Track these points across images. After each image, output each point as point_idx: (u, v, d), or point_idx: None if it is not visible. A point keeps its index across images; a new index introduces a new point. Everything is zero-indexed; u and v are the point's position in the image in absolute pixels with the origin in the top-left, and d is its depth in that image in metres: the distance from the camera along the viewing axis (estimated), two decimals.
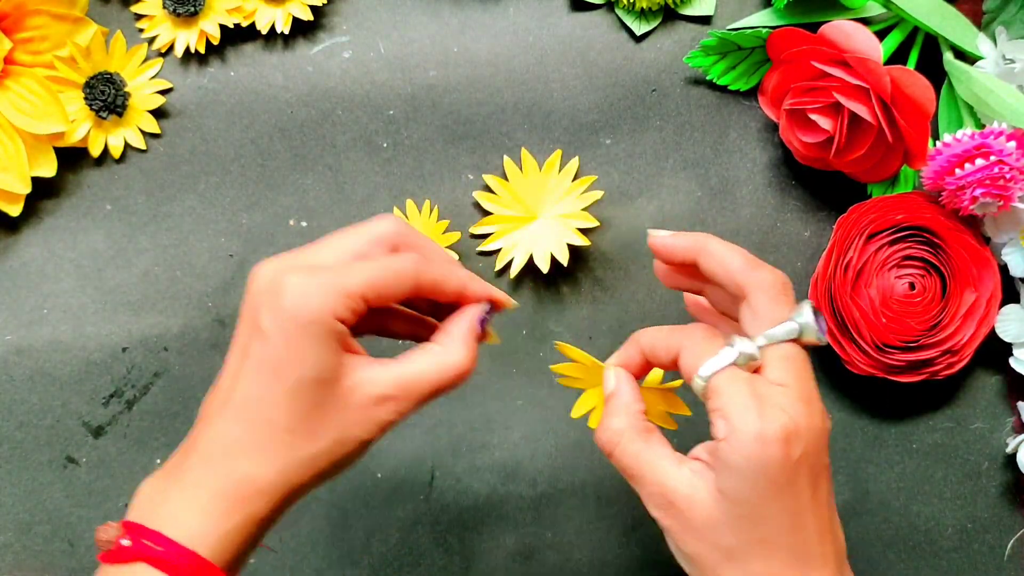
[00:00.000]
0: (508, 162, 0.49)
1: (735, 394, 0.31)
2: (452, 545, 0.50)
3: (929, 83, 0.43)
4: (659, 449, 0.34)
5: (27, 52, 0.48)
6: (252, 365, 0.32)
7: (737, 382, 0.32)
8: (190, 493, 0.32)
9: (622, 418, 0.35)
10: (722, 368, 0.32)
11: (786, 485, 0.30)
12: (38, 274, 0.50)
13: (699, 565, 0.32)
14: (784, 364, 0.32)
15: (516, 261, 0.49)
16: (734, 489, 0.31)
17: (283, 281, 0.32)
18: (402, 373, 0.34)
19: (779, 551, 0.31)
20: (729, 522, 0.31)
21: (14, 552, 0.50)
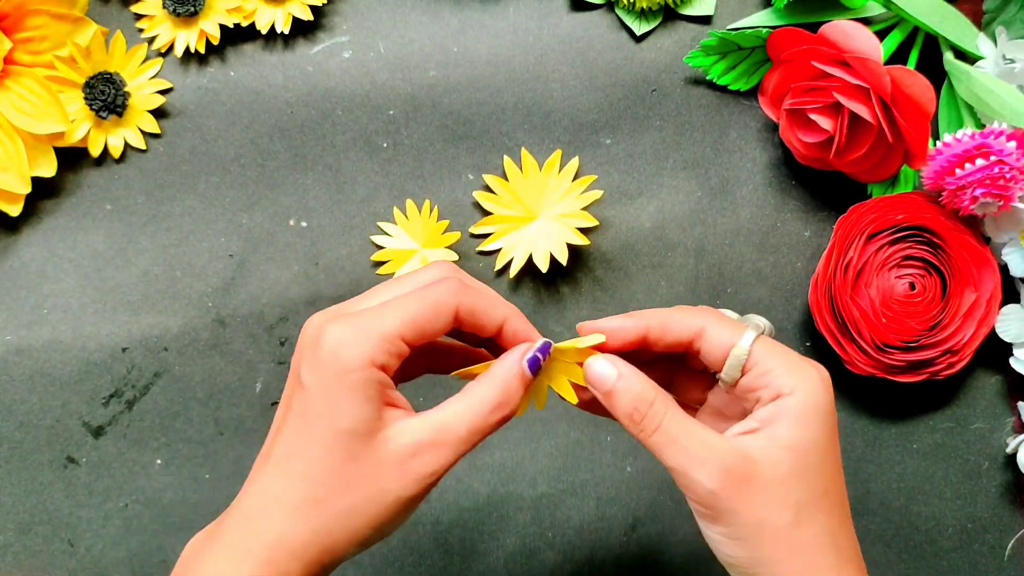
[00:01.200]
0: (508, 162, 0.49)
1: (785, 354, 0.33)
2: (452, 545, 0.50)
3: (929, 83, 0.43)
4: (696, 422, 0.33)
5: (27, 52, 0.47)
6: (292, 418, 0.31)
7: (776, 347, 0.33)
8: (227, 553, 0.31)
9: (651, 390, 0.33)
10: (755, 338, 0.33)
11: (834, 439, 0.32)
12: (38, 274, 0.50)
13: (768, 531, 0.31)
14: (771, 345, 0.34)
15: (516, 261, 0.49)
16: (803, 438, 0.31)
17: (323, 331, 0.31)
18: (438, 419, 0.32)
19: (836, 504, 0.32)
20: (800, 474, 0.31)
21: (14, 552, 0.50)
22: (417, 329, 0.31)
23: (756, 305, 0.50)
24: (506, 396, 0.33)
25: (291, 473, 0.31)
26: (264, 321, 0.50)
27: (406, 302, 0.32)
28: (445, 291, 0.32)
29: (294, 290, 0.50)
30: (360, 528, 0.31)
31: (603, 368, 0.34)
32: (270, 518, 0.31)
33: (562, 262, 0.48)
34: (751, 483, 0.31)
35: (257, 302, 0.50)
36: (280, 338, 0.50)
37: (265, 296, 0.50)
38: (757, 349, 0.33)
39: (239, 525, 0.31)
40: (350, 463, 0.31)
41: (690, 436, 0.32)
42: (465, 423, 0.32)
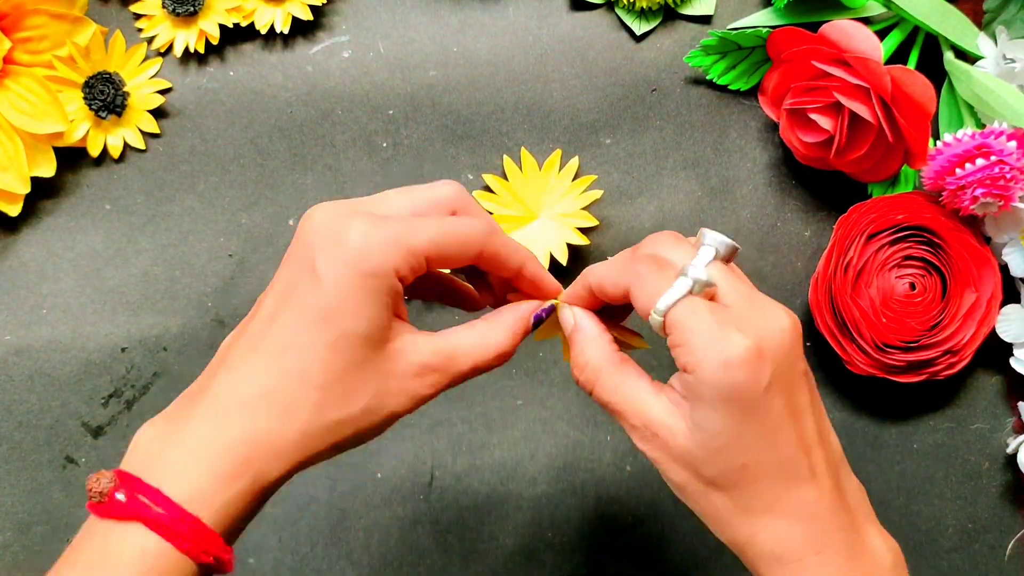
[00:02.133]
0: (508, 162, 0.49)
1: (696, 324, 0.29)
2: (452, 545, 0.50)
3: (929, 83, 0.43)
4: (637, 380, 0.32)
5: (26, 52, 0.47)
6: (295, 308, 0.29)
7: (696, 312, 0.30)
8: (196, 447, 0.28)
9: (593, 350, 0.34)
10: (678, 300, 0.30)
11: (758, 407, 0.29)
12: (37, 274, 0.50)
13: (688, 493, 0.31)
14: (726, 283, 0.31)
15: None
16: (707, 420, 0.29)
17: (348, 225, 0.29)
18: (447, 345, 0.32)
19: (761, 473, 0.30)
20: (706, 453, 0.30)
21: (13, 552, 0.50)
22: (442, 253, 0.31)
23: None
24: (511, 344, 0.34)
25: (286, 369, 0.29)
26: None
27: (438, 224, 0.31)
28: (477, 230, 0.32)
29: None
30: (348, 436, 0.30)
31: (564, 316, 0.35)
32: (255, 415, 0.29)
33: (562, 262, 0.48)
34: (671, 450, 0.31)
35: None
36: None
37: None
38: (679, 312, 0.30)
39: (214, 417, 0.29)
40: (355, 370, 0.29)
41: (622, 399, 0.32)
42: (472, 358, 0.32)
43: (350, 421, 0.30)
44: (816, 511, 0.30)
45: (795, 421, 0.30)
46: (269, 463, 0.29)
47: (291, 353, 0.29)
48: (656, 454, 0.31)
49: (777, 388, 0.29)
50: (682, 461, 0.31)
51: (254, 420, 0.29)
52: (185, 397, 0.30)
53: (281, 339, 0.29)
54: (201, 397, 0.29)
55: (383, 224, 0.30)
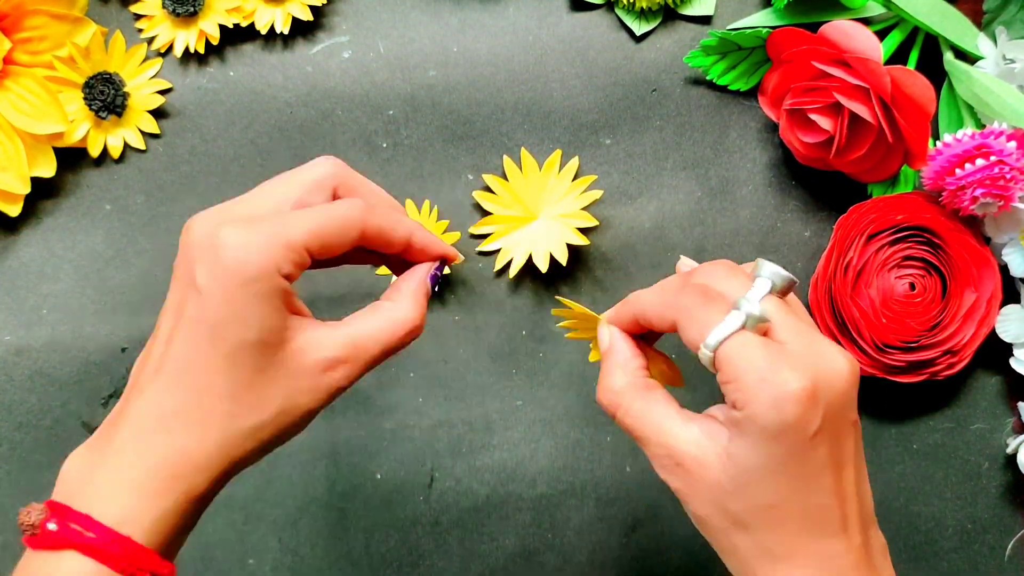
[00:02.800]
0: (508, 162, 0.49)
1: (747, 362, 0.28)
2: (452, 546, 0.50)
3: (929, 83, 0.43)
4: (663, 407, 0.32)
5: (26, 52, 0.47)
6: (187, 326, 0.29)
7: (748, 348, 0.29)
8: (121, 470, 0.29)
9: (621, 376, 0.33)
10: (730, 335, 0.29)
11: (803, 451, 0.28)
12: (37, 274, 0.50)
13: (710, 528, 0.31)
14: (783, 320, 0.30)
15: (515, 261, 0.49)
16: (744, 454, 0.29)
17: (220, 234, 0.29)
18: (351, 334, 0.32)
19: (790, 519, 0.29)
20: (736, 488, 0.29)
21: (13, 552, 0.49)
22: (323, 243, 0.31)
23: None
24: (416, 315, 0.33)
25: (192, 385, 0.29)
26: None
27: (313, 215, 0.31)
28: (352, 211, 0.32)
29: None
30: (268, 439, 0.31)
31: (601, 335, 0.35)
32: (169, 432, 0.29)
33: (562, 262, 0.48)
34: (695, 482, 0.30)
35: None
36: None
37: None
38: (730, 348, 0.29)
39: (133, 439, 0.29)
40: (259, 376, 0.30)
41: (649, 426, 0.32)
42: (380, 342, 0.32)
43: (267, 424, 0.30)
44: (840, 565, 0.29)
45: (836, 470, 0.29)
46: (194, 477, 0.29)
47: (192, 370, 0.29)
48: (679, 485, 0.31)
49: (825, 435, 0.28)
50: (708, 494, 0.30)
51: (171, 438, 0.29)
52: (106, 424, 0.31)
53: (181, 358, 0.30)
54: (120, 422, 0.30)
55: (256, 226, 0.30)
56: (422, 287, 0.34)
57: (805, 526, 0.29)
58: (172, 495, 0.29)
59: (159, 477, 0.29)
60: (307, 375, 0.31)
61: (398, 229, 0.33)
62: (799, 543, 0.29)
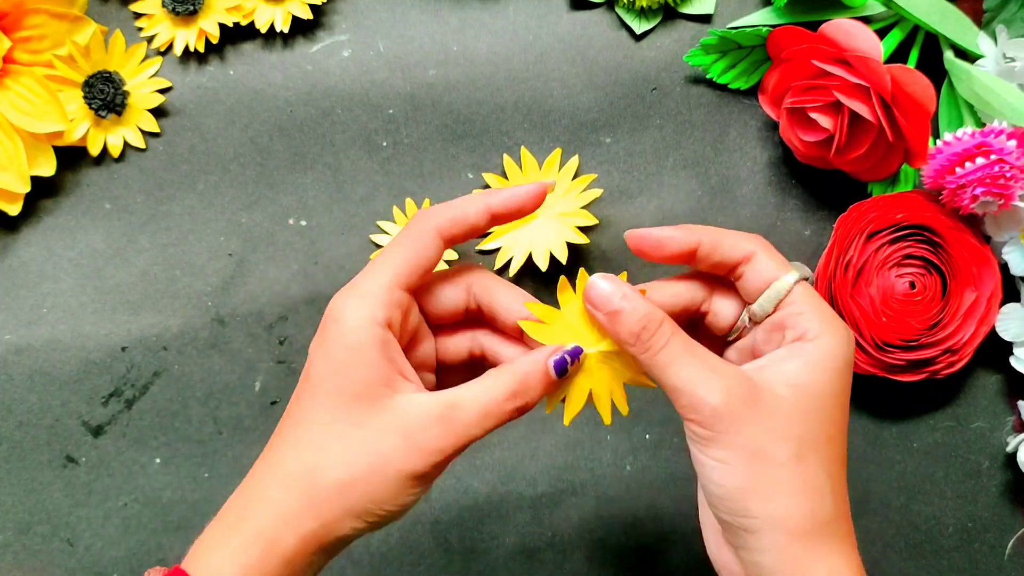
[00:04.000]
0: (508, 161, 0.49)
1: (818, 303, 0.32)
2: (452, 545, 0.50)
3: (929, 82, 0.43)
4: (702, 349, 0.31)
5: (26, 51, 0.47)
6: (299, 390, 0.31)
7: (813, 293, 0.33)
8: (223, 529, 0.30)
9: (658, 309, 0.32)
10: (800, 279, 0.33)
11: (846, 394, 0.32)
12: (37, 273, 0.50)
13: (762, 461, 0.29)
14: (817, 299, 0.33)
15: (516, 260, 0.49)
16: (810, 382, 0.31)
17: (331, 306, 0.31)
18: (450, 396, 0.31)
19: (838, 456, 0.31)
20: (804, 413, 0.30)
21: (13, 552, 0.50)
22: (410, 269, 0.31)
23: None
24: (524, 387, 0.32)
25: (294, 442, 0.30)
26: (263, 320, 0.50)
27: (392, 251, 0.32)
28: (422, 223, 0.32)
29: (293, 289, 0.50)
30: (359, 501, 0.30)
31: (606, 287, 0.32)
32: (266, 488, 0.30)
33: (562, 261, 0.48)
34: (755, 407, 0.30)
35: (256, 301, 0.50)
36: (279, 337, 0.50)
37: (264, 295, 0.50)
38: (797, 290, 0.32)
39: (238, 499, 0.31)
40: (354, 429, 0.29)
41: (696, 354, 0.31)
42: (479, 405, 0.31)
43: (357, 481, 0.29)
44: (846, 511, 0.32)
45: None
46: (284, 535, 0.29)
47: (299, 428, 0.30)
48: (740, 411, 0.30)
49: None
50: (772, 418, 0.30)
51: (266, 493, 0.30)
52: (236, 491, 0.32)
53: (291, 418, 0.31)
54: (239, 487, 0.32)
55: (354, 286, 0.31)
56: (539, 363, 0.32)
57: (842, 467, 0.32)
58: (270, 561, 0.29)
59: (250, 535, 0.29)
60: (399, 430, 0.30)
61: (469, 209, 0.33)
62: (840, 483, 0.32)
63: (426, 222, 0.32)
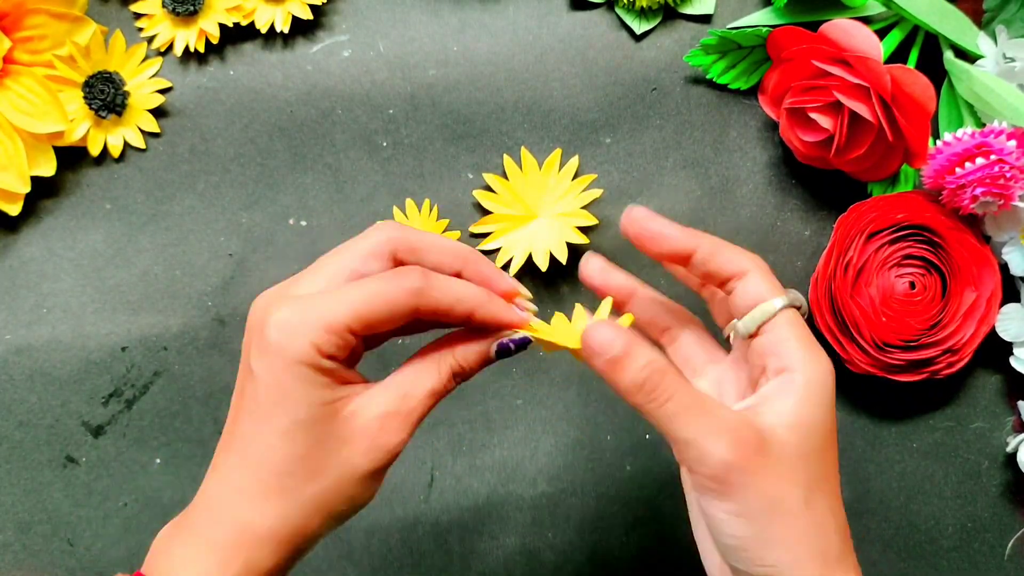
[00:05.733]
0: (508, 161, 0.49)
1: (802, 332, 0.32)
2: (452, 545, 0.50)
3: (929, 82, 0.43)
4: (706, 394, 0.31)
5: (26, 51, 0.47)
6: (247, 407, 0.31)
7: (799, 323, 0.33)
8: (192, 543, 0.31)
9: (663, 358, 0.31)
10: (789, 306, 0.33)
11: (835, 419, 0.32)
12: (37, 273, 0.50)
13: (781, 511, 0.30)
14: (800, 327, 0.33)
15: (516, 260, 0.49)
16: (809, 419, 0.31)
17: (268, 315, 0.30)
18: (398, 388, 0.32)
19: (835, 490, 0.32)
20: (806, 455, 0.30)
21: (13, 552, 0.50)
22: (366, 322, 0.30)
23: None
24: (468, 367, 0.33)
25: (253, 463, 0.31)
26: None
27: (358, 293, 0.30)
28: (403, 290, 0.31)
29: None
30: (333, 506, 0.31)
31: (608, 334, 0.31)
32: (234, 507, 0.31)
33: (562, 261, 0.48)
34: (766, 457, 0.30)
35: None
36: None
37: None
38: (783, 317, 0.32)
39: (204, 515, 0.31)
40: (315, 449, 0.30)
41: (703, 407, 0.30)
42: (427, 391, 0.32)
43: (328, 493, 0.31)
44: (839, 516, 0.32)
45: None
46: (256, 550, 0.30)
47: (253, 448, 0.31)
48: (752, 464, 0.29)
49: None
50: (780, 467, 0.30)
51: (236, 513, 0.31)
52: (192, 502, 0.32)
53: (243, 436, 0.31)
54: (198, 499, 0.32)
55: (300, 307, 0.30)
56: (481, 348, 0.33)
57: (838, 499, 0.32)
58: (234, 567, 0.30)
59: (223, 550, 0.30)
60: (361, 438, 0.31)
61: (457, 306, 0.32)
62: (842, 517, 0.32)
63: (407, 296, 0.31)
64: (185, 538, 0.31)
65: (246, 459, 0.31)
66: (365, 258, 0.32)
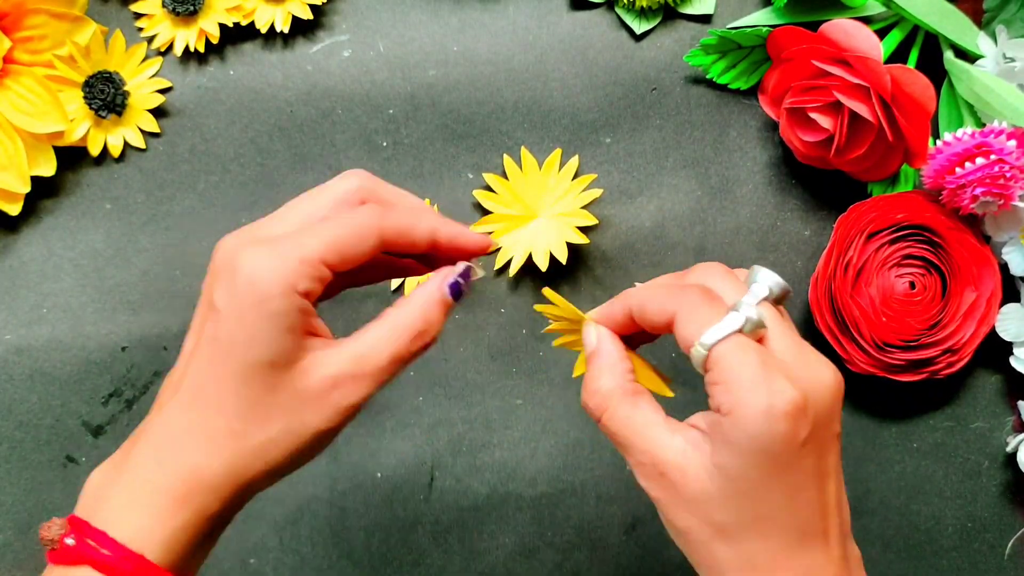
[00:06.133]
0: (508, 161, 0.49)
1: (742, 365, 0.28)
2: (452, 545, 0.50)
3: (929, 82, 0.43)
4: (650, 414, 0.31)
5: (26, 51, 0.47)
6: (204, 346, 0.30)
7: (745, 352, 0.28)
8: (136, 487, 0.30)
9: (608, 379, 0.32)
10: (727, 336, 0.29)
11: (790, 462, 0.28)
12: (37, 273, 0.50)
13: (690, 540, 0.30)
14: (777, 329, 0.30)
15: (515, 260, 0.49)
16: (733, 465, 0.28)
17: (239, 255, 0.29)
18: (356, 348, 0.31)
19: (776, 529, 0.29)
20: (724, 498, 0.29)
21: (14, 551, 0.50)
22: (340, 253, 0.30)
23: None
24: (427, 324, 0.32)
25: (204, 404, 0.30)
26: None
27: (328, 226, 0.30)
28: (368, 216, 0.31)
29: None
30: (278, 459, 0.30)
31: (587, 334, 0.34)
32: (183, 450, 0.30)
33: (562, 261, 0.48)
34: (677, 493, 0.30)
35: None
36: None
37: None
38: (725, 349, 0.29)
39: (148, 457, 0.30)
40: (267, 395, 0.30)
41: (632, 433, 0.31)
42: (386, 353, 0.31)
43: (274, 444, 0.30)
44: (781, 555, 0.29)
45: (820, 482, 0.29)
46: (205, 496, 0.30)
47: (206, 388, 0.30)
48: (660, 494, 0.30)
49: (812, 446, 0.28)
50: (691, 505, 0.29)
51: (183, 455, 0.30)
52: (128, 441, 0.31)
53: (196, 377, 0.30)
54: (139, 439, 0.31)
55: (272, 245, 0.30)
56: (435, 293, 0.32)
57: (790, 538, 0.29)
58: (183, 513, 0.29)
59: (170, 495, 0.29)
60: (314, 394, 0.30)
61: (419, 225, 0.32)
62: (782, 555, 0.29)
63: (372, 220, 0.31)
64: (127, 482, 0.30)
65: (198, 400, 0.30)
66: (336, 204, 0.32)
